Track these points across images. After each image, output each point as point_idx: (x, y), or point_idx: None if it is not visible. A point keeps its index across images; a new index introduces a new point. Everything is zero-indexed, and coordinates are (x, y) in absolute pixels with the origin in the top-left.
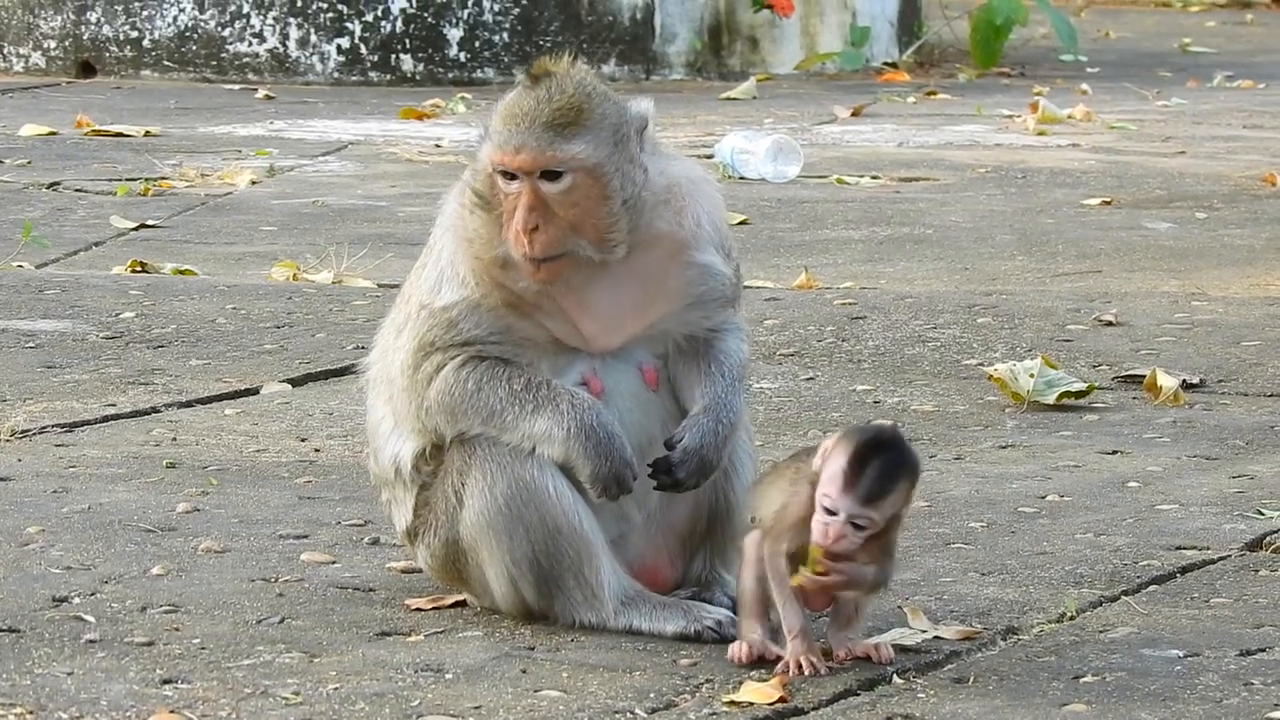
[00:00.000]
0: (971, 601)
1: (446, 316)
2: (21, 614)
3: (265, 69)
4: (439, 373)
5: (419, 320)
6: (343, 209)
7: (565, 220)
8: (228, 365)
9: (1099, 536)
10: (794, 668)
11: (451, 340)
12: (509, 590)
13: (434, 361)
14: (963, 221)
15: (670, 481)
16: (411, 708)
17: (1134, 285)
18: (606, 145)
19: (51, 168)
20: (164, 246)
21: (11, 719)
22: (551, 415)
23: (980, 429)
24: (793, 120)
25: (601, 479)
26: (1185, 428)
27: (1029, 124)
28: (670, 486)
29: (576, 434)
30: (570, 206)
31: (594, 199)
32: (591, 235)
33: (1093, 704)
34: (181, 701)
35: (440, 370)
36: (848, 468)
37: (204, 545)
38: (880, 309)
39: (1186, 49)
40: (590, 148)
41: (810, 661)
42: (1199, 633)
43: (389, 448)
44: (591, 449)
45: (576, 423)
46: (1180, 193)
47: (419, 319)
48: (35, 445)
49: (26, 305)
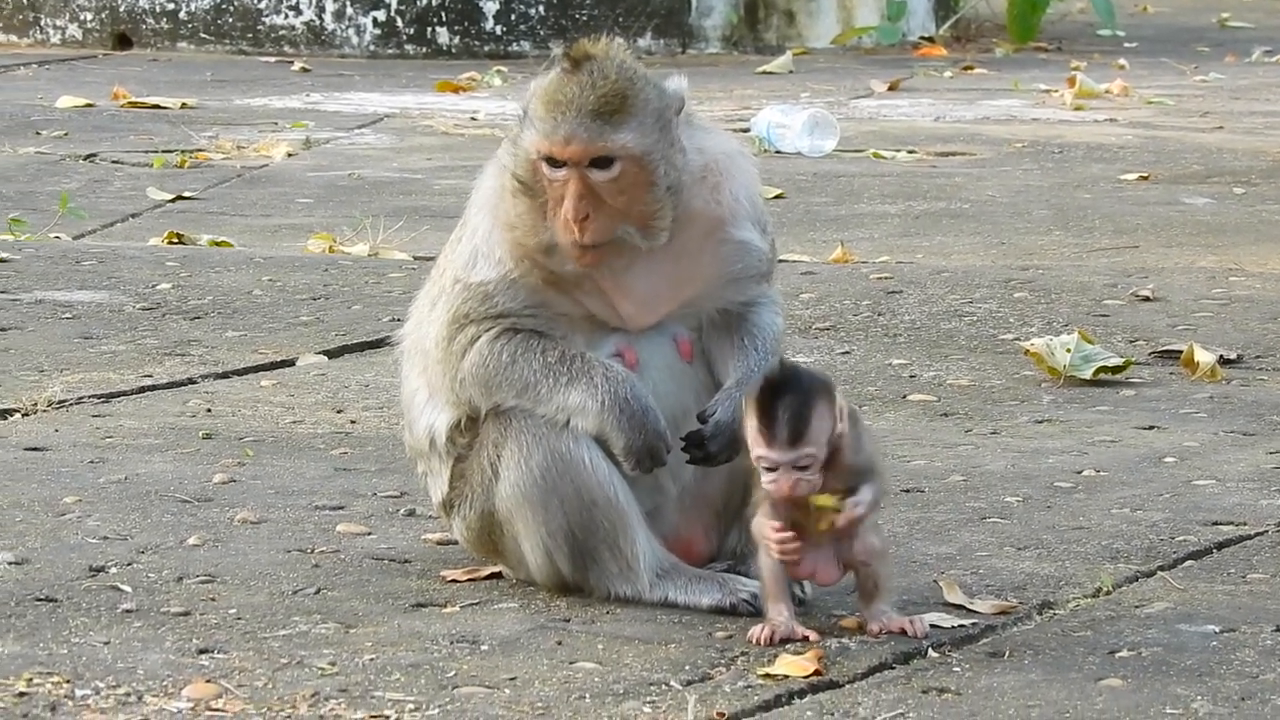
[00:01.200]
0: (1007, 576)
1: (482, 290)
2: (59, 583)
3: (301, 41)
4: (473, 345)
5: (453, 294)
6: (378, 181)
7: (613, 207)
8: (264, 337)
9: (1135, 512)
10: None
11: (486, 313)
12: (544, 562)
13: (468, 334)
14: (999, 196)
15: (702, 455)
16: (447, 679)
17: (1171, 260)
18: (652, 131)
19: (88, 139)
20: (200, 218)
21: (49, 687)
22: (586, 388)
23: (1016, 404)
24: (829, 94)
25: (635, 451)
26: (1222, 403)
27: (1066, 99)
28: (702, 460)
29: (611, 407)
30: (618, 194)
31: (641, 185)
32: (638, 221)
33: (1128, 679)
34: (217, 671)
35: (475, 342)
36: (759, 422)
37: (240, 516)
38: (916, 283)
39: (1224, 24)
40: (638, 135)
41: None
42: (1235, 608)
43: (424, 419)
44: (626, 422)
45: (611, 395)
46: (1218, 168)
47: (453, 292)
48: (72, 415)
49: (64, 276)
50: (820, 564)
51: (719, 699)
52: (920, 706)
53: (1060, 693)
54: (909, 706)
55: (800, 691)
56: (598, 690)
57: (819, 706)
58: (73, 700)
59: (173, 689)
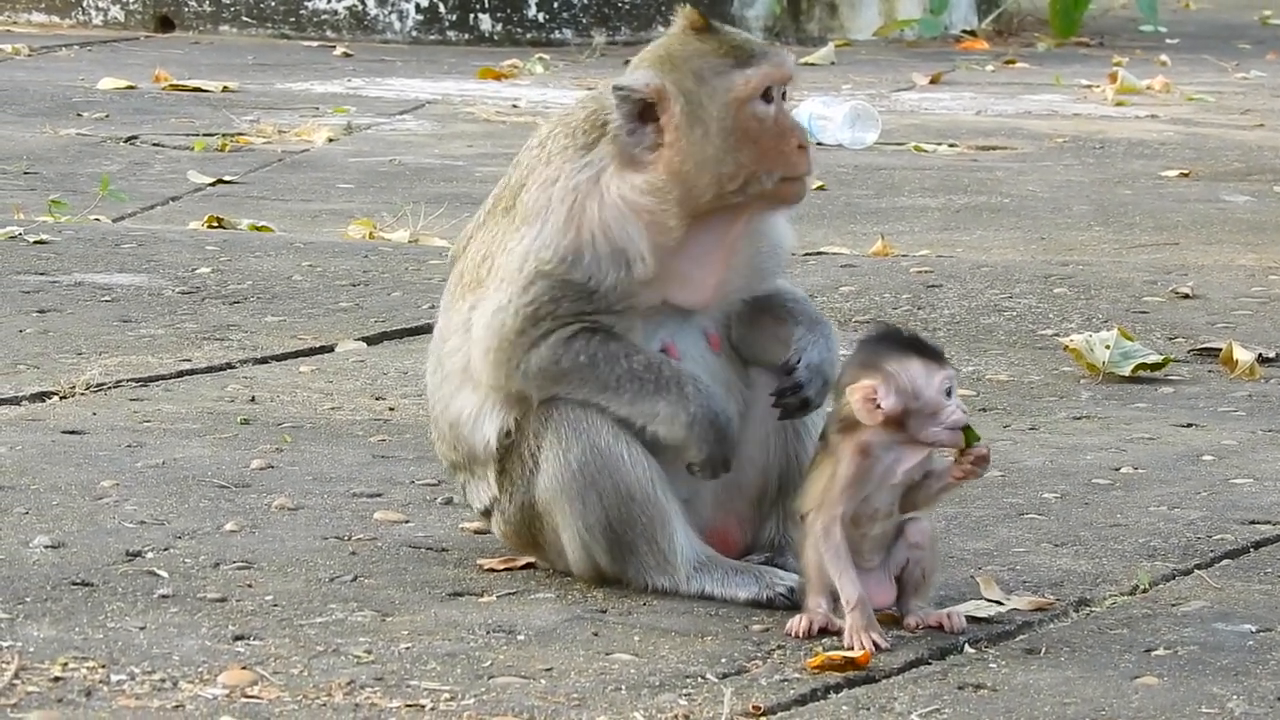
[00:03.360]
0: (1044, 572)
1: (572, 285)
2: (95, 567)
3: (343, 26)
4: (545, 339)
5: (533, 286)
6: (419, 168)
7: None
8: (303, 322)
9: (1173, 509)
10: (854, 642)
11: (569, 309)
12: (582, 554)
13: (542, 328)
14: (1040, 191)
15: (799, 402)
16: (483, 668)
17: (1211, 258)
18: None
19: (129, 122)
20: (240, 202)
21: (84, 672)
22: (676, 400)
23: (1055, 400)
24: (871, 87)
25: (711, 463)
26: (1261, 402)
27: (1107, 94)
28: (799, 408)
29: (700, 421)
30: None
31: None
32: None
33: (1164, 677)
34: (253, 658)
35: (548, 337)
36: (920, 357)
37: (277, 502)
38: (956, 277)
39: (1266, 21)
40: None
41: (870, 637)
42: (1272, 608)
43: (478, 434)
44: (712, 437)
45: (701, 410)
46: (1259, 165)
47: (525, 282)
48: (110, 399)
49: (103, 259)
50: (874, 585)
51: (755, 692)
52: (956, 703)
53: (1096, 690)
54: (944, 702)
55: (836, 686)
56: (633, 682)
57: (855, 701)
58: (108, 685)
59: (208, 675)
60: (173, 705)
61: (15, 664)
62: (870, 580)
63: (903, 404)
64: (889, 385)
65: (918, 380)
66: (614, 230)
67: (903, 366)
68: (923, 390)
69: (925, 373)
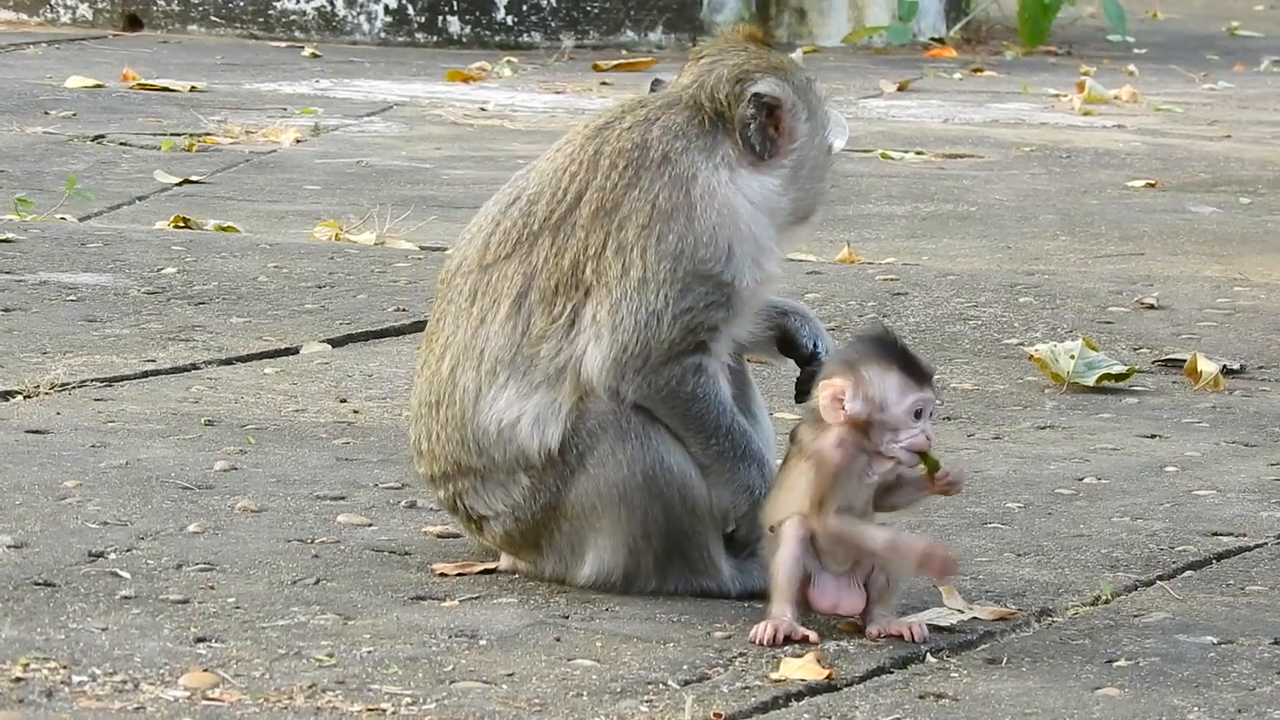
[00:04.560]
0: (1006, 582)
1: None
2: (57, 568)
3: (312, 27)
4: (687, 356)
5: (682, 287)
6: (386, 170)
7: None
8: (268, 324)
9: (1135, 520)
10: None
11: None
12: (624, 560)
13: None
14: (1006, 200)
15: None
16: (445, 673)
17: (1176, 269)
18: None
19: (96, 120)
20: (207, 203)
21: (45, 673)
22: (756, 474)
23: (1019, 409)
24: (838, 93)
25: (752, 537)
26: (1224, 413)
27: (1075, 103)
28: None
29: (762, 500)
30: None
31: None
32: None
33: (1125, 688)
34: (215, 660)
35: (689, 355)
36: (901, 373)
37: (241, 504)
38: (922, 285)
39: (1234, 32)
40: None
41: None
42: (1233, 620)
43: (535, 439)
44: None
45: (765, 490)
46: (1225, 176)
47: (683, 286)
48: (74, 399)
49: (69, 258)
50: (844, 591)
51: (716, 699)
52: (917, 712)
53: (1057, 701)
54: (905, 711)
55: (798, 694)
56: (595, 688)
57: (816, 709)
58: (69, 686)
59: (170, 677)
60: (134, 707)
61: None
62: (841, 586)
63: (866, 412)
64: (858, 389)
65: (889, 394)
66: (756, 227)
67: (880, 375)
68: (890, 405)
69: (900, 388)
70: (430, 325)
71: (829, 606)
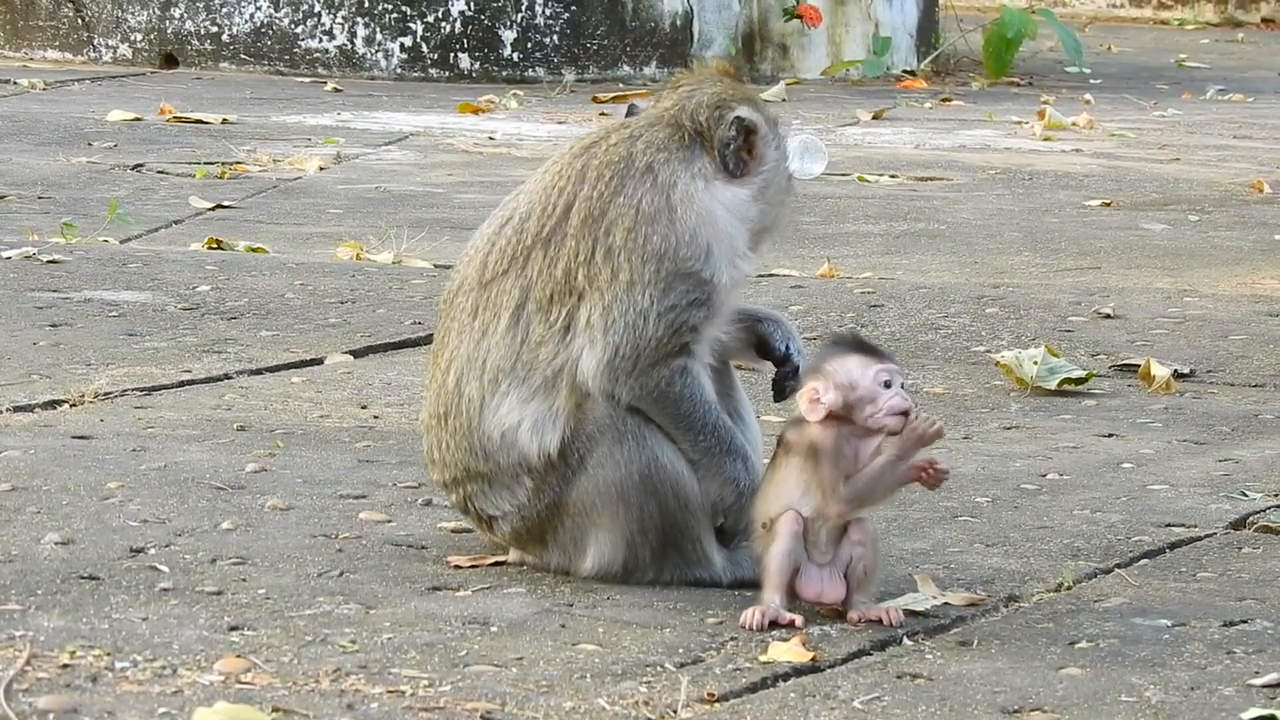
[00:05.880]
0: (976, 571)
1: (701, 279)
2: (101, 563)
3: (334, 64)
4: (675, 358)
5: (665, 286)
6: (403, 195)
7: None
8: (295, 337)
9: (1095, 513)
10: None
11: (695, 316)
12: (623, 553)
13: (675, 343)
14: (974, 219)
15: (797, 386)
16: (459, 657)
17: (1130, 281)
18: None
19: (136, 151)
20: (238, 226)
21: (90, 660)
22: (742, 468)
23: (987, 411)
24: (819, 122)
25: (738, 530)
26: (1176, 414)
27: (1036, 130)
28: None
29: (749, 493)
30: None
31: None
32: None
33: (1086, 667)
34: (247, 647)
35: (676, 357)
36: (858, 354)
37: (270, 503)
38: (896, 298)
39: (1182, 64)
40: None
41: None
42: (1186, 604)
43: (535, 443)
44: (746, 505)
45: (752, 486)
46: (1174, 196)
47: (665, 285)
48: (116, 407)
49: (111, 277)
50: (826, 581)
51: (710, 680)
52: (895, 690)
53: (1024, 679)
54: (884, 690)
55: (785, 675)
56: (598, 670)
57: (802, 689)
58: (112, 672)
59: (205, 663)
60: (172, 690)
61: (27, 652)
62: (824, 576)
63: (842, 397)
64: (827, 383)
65: (853, 373)
66: (730, 229)
67: (840, 364)
68: (858, 381)
69: (861, 365)
70: (435, 343)
71: (814, 595)
